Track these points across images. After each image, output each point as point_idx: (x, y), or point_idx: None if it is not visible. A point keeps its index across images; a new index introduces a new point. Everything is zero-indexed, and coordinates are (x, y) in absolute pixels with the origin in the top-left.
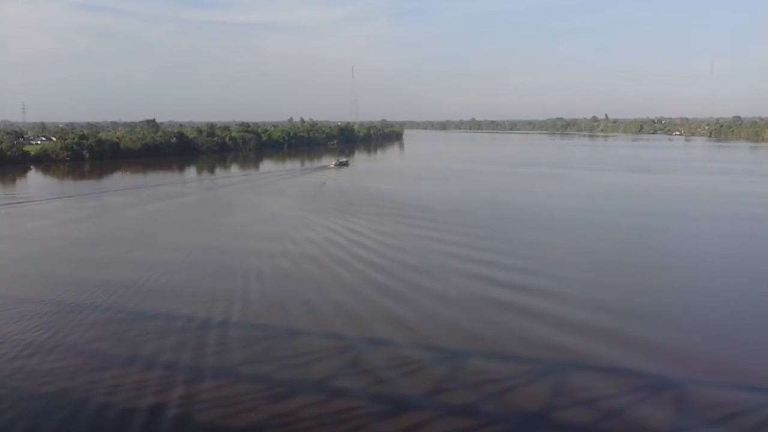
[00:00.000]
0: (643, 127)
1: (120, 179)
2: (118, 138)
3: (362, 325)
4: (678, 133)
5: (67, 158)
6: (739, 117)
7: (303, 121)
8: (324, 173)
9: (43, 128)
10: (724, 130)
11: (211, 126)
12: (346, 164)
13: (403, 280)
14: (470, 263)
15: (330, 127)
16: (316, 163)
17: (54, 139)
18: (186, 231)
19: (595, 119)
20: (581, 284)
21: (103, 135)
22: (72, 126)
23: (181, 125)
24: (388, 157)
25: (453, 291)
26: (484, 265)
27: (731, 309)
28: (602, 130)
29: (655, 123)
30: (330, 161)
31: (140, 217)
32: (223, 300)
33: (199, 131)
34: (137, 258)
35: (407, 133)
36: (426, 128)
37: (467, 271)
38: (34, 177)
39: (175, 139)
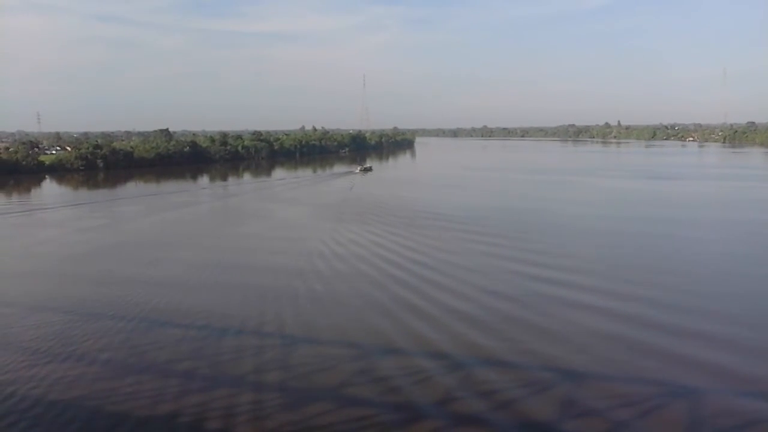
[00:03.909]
0: (656, 134)
1: (135, 188)
2: (132, 147)
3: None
4: (691, 139)
5: (81, 168)
6: (753, 123)
7: (315, 130)
8: (350, 178)
9: (58, 138)
10: (738, 135)
11: (224, 135)
12: (370, 170)
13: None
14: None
15: (342, 135)
16: (337, 170)
17: (69, 148)
18: (226, 241)
19: (607, 126)
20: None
21: (117, 144)
22: (86, 136)
23: (194, 134)
24: (402, 165)
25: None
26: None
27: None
28: (615, 137)
29: (668, 129)
30: (355, 167)
31: (162, 225)
32: (269, 313)
33: (212, 140)
34: (156, 266)
35: (419, 141)
36: (437, 135)
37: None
38: (50, 186)
39: (188, 148)
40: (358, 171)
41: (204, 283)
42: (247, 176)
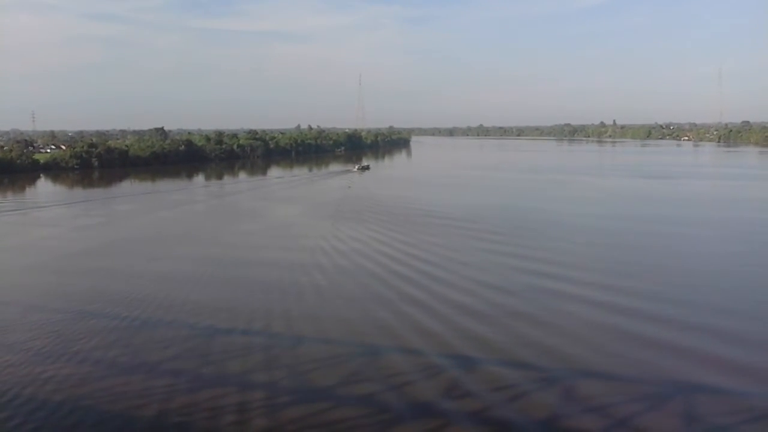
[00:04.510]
0: (651, 133)
1: (130, 187)
2: (127, 146)
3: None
4: (686, 138)
5: (76, 166)
6: (747, 122)
7: (311, 128)
8: (348, 177)
9: (52, 137)
10: (732, 135)
11: (220, 134)
12: (368, 168)
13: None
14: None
15: (337, 134)
16: (333, 169)
17: (63, 147)
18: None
19: (602, 125)
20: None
21: (112, 143)
22: (81, 134)
23: (189, 133)
24: (398, 164)
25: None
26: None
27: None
28: (610, 136)
29: (663, 128)
30: (352, 166)
31: (159, 223)
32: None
33: (208, 139)
34: (157, 264)
35: (415, 140)
36: (433, 134)
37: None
38: (44, 185)
39: (183, 146)
40: (356, 170)
41: (207, 280)
42: (243, 175)
